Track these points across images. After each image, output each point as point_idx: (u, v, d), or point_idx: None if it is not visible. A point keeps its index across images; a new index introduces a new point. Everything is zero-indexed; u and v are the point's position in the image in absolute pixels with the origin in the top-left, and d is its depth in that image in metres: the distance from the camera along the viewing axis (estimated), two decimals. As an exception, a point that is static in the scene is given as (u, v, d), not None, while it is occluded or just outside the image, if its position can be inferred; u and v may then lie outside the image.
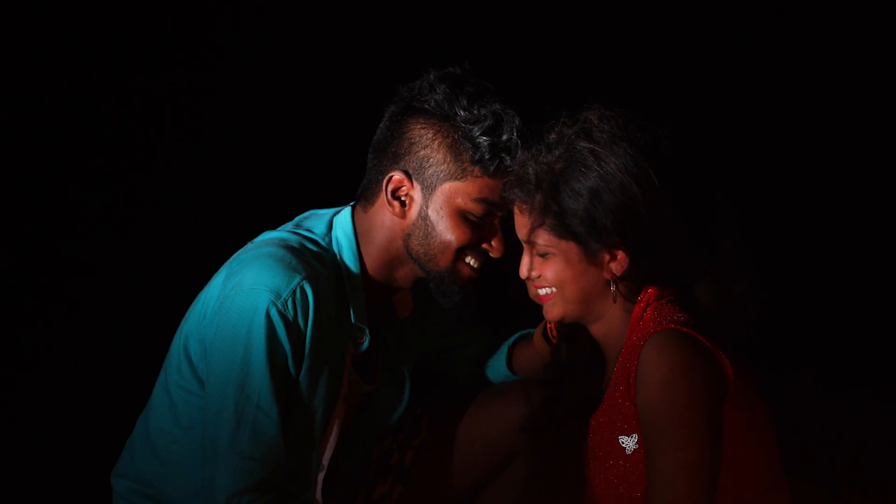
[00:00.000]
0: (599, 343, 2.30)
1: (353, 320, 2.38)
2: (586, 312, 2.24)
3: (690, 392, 2.05)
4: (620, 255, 2.17)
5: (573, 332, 2.36)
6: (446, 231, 2.34)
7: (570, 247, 2.18)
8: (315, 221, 2.44)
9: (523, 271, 2.25)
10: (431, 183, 2.34)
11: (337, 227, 2.41)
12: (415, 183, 2.34)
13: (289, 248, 2.32)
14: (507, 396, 2.55)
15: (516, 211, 2.23)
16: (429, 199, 2.34)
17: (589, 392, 2.30)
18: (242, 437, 2.23)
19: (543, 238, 2.20)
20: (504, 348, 2.68)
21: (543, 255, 2.22)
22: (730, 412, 2.09)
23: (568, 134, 2.19)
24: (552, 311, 2.25)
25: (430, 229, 2.35)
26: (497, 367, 2.68)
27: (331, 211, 2.47)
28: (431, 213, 2.34)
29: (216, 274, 2.39)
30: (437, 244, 2.36)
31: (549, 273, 2.21)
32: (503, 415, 2.53)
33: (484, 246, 2.38)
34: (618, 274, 2.19)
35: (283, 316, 2.24)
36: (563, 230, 2.18)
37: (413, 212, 2.36)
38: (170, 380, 2.38)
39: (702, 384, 2.06)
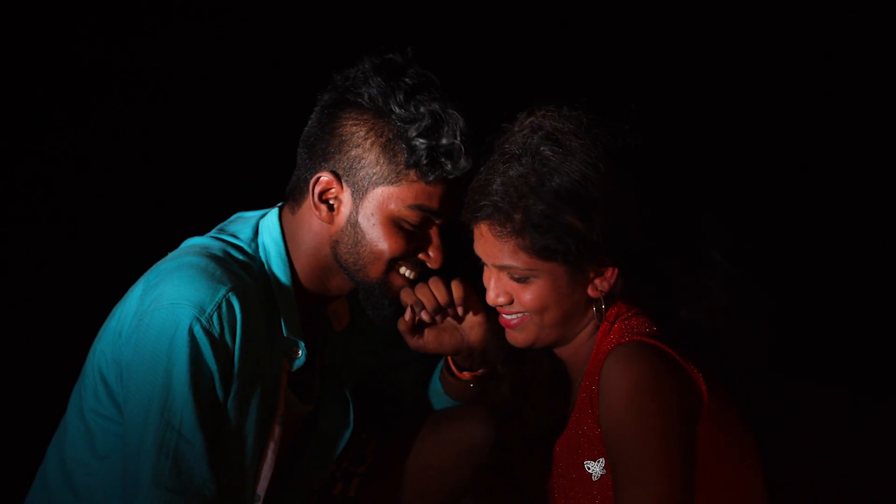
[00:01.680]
0: (564, 362, 2.24)
1: (285, 333, 2.30)
2: (562, 336, 2.19)
3: (658, 408, 1.99)
4: (609, 270, 2.11)
5: (521, 352, 2.28)
6: (378, 240, 2.27)
7: (555, 268, 2.10)
8: (240, 226, 2.37)
9: (495, 298, 2.17)
10: (363, 186, 2.26)
11: (263, 231, 2.34)
12: (344, 185, 2.27)
13: (212, 256, 2.24)
14: (460, 420, 2.49)
15: (484, 234, 2.13)
16: (359, 204, 2.27)
17: (551, 416, 2.25)
18: (164, 468, 2.14)
19: (524, 261, 2.10)
20: (435, 376, 2.61)
21: (521, 280, 2.13)
22: (705, 432, 2.04)
23: (531, 141, 2.10)
24: (520, 336, 2.19)
25: (359, 237, 2.28)
26: (437, 392, 2.61)
27: (257, 214, 2.39)
28: (362, 219, 2.26)
29: (133, 287, 2.29)
30: (368, 253, 2.28)
31: (527, 297, 2.13)
32: (456, 440, 2.48)
33: (420, 256, 2.31)
34: (604, 291, 2.13)
35: (208, 333, 2.16)
36: (549, 251, 2.09)
37: (342, 217, 2.28)
38: (85, 404, 2.29)
39: (671, 400, 2.00)
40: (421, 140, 2.21)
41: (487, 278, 2.18)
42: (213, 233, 2.36)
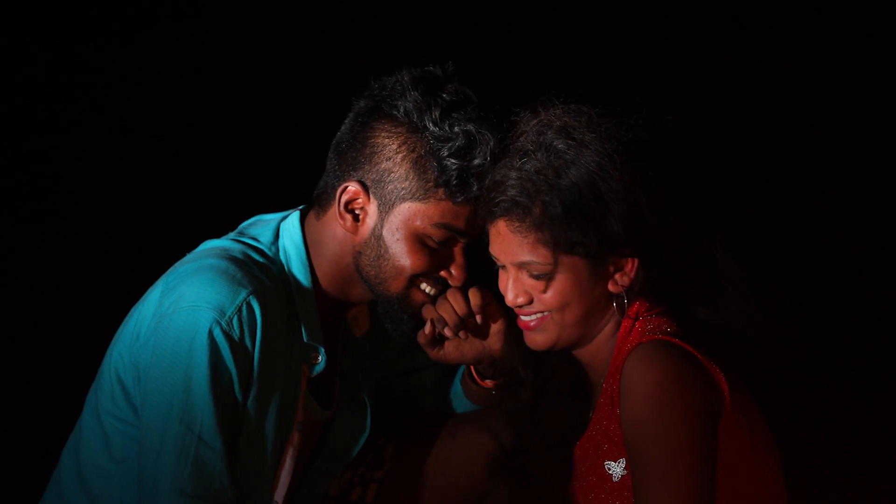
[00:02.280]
0: (584, 363, 2.21)
1: (305, 339, 2.28)
2: (582, 336, 2.16)
3: (680, 408, 1.98)
4: (630, 263, 2.10)
5: (540, 356, 2.26)
6: (401, 255, 2.25)
7: (576, 262, 2.08)
8: (261, 228, 2.34)
9: (514, 299, 2.14)
10: (390, 200, 2.23)
11: (284, 235, 2.32)
12: (371, 197, 2.24)
13: (232, 259, 2.21)
14: (479, 425, 2.45)
15: (502, 231, 2.12)
16: (385, 218, 2.24)
17: (571, 419, 2.22)
18: (183, 473, 2.12)
19: (544, 256, 2.08)
20: (457, 380, 2.59)
21: (541, 276, 2.10)
22: (726, 432, 2.03)
23: (544, 137, 2.10)
24: (541, 338, 2.16)
25: (382, 250, 2.26)
26: (458, 396, 2.57)
27: (277, 216, 2.37)
28: (386, 232, 2.24)
29: (151, 288, 2.27)
30: (390, 268, 2.26)
31: (548, 295, 2.11)
32: (475, 444, 2.44)
33: (442, 274, 2.29)
34: (625, 285, 2.12)
35: (227, 336, 2.13)
36: (570, 244, 2.07)
37: (366, 228, 2.26)
38: (101, 407, 2.26)
39: (692, 399, 1.99)
40: (453, 160, 2.19)
41: (504, 281, 2.16)
42: (232, 235, 2.34)
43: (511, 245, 2.11)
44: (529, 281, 2.12)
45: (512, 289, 2.14)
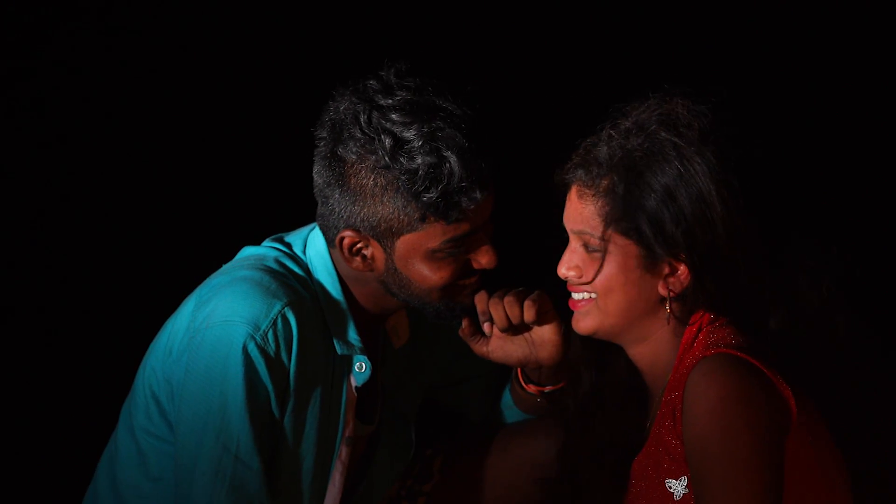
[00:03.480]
0: (642, 372, 2.16)
1: (345, 350, 2.25)
2: (625, 330, 2.11)
3: (745, 425, 1.91)
4: (682, 269, 2.04)
5: (603, 358, 2.22)
6: (424, 277, 2.19)
7: (629, 247, 2.04)
8: (294, 237, 2.31)
9: (562, 268, 2.11)
10: (388, 237, 2.17)
11: (311, 245, 2.27)
12: (370, 239, 2.18)
13: (266, 269, 2.19)
14: (531, 437, 2.43)
15: (572, 197, 2.10)
16: (391, 253, 2.18)
17: (625, 430, 2.18)
18: (220, 493, 2.11)
19: (599, 229, 2.05)
20: (507, 389, 2.53)
21: (593, 251, 2.07)
22: (793, 448, 1.97)
23: (649, 123, 2.06)
24: (582, 322, 2.12)
25: (404, 279, 2.20)
26: (508, 405, 2.53)
27: (309, 227, 2.33)
28: (399, 265, 2.19)
29: (185, 301, 2.25)
30: (419, 290, 2.21)
31: (595, 274, 2.07)
32: (523, 455, 2.42)
33: (475, 266, 2.22)
34: (675, 291, 2.06)
35: (263, 351, 2.11)
36: (626, 225, 2.03)
37: (379, 264, 2.20)
38: (136, 423, 2.25)
39: (758, 415, 1.93)
40: (427, 194, 2.10)
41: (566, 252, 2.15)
42: (269, 241, 2.30)
43: (574, 210, 2.09)
44: (584, 255, 2.09)
45: (566, 261, 2.11)
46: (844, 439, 2.08)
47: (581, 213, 2.08)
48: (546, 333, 2.28)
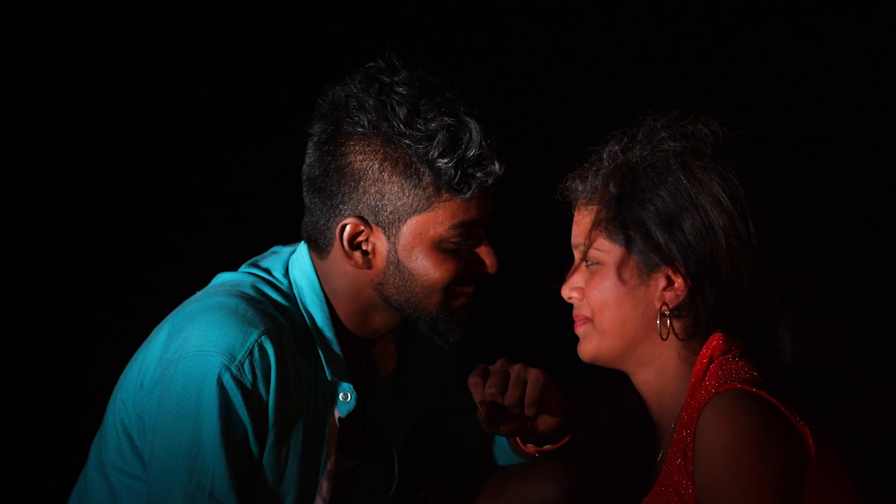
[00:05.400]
0: (650, 402, 2.11)
1: (329, 377, 2.19)
2: (626, 353, 2.06)
3: (760, 467, 1.87)
4: (679, 282, 2.00)
5: (614, 395, 2.17)
6: (427, 272, 2.15)
7: (623, 256, 2.02)
8: (273, 260, 2.25)
9: (566, 289, 2.10)
10: (393, 222, 2.13)
11: (294, 267, 2.22)
12: (374, 227, 2.13)
13: (243, 295, 2.15)
14: (529, 479, 2.37)
15: (576, 214, 2.11)
16: (396, 242, 2.14)
17: (639, 468, 2.13)
18: None
19: (597, 241, 2.04)
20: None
21: (591, 264, 2.05)
22: (810, 489, 1.91)
23: (659, 133, 2.05)
24: (582, 347, 2.10)
25: (406, 275, 2.15)
26: (504, 450, 2.47)
27: (290, 248, 2.28)
28: (402, 256, 2.14)
29: (156, 329, 2.21)
30: (420, 289, 2.16)
31: (590, 289, 2.05)
32: (525, 500, 2.36)
33: (475, 269, 2.20)
34: (671, 305, 2.01)
35: (238, 383, 2.06)
36: (614, 227, 2.03)
37: (380, 259, 2.16)
38: (106, 460, 2.20)
39: (774, 457, 1.88)
40: (444, 160, 2.07)
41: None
42: (245, 267, 2.25)
43: (576, 225, 2.09)
44: (586, 273, 2.07)
45: (569, 280, 2.09)
46: (861, 474, 2.02)
47: (579, 224, 2.08)
48: (546, 410, 2.25)
